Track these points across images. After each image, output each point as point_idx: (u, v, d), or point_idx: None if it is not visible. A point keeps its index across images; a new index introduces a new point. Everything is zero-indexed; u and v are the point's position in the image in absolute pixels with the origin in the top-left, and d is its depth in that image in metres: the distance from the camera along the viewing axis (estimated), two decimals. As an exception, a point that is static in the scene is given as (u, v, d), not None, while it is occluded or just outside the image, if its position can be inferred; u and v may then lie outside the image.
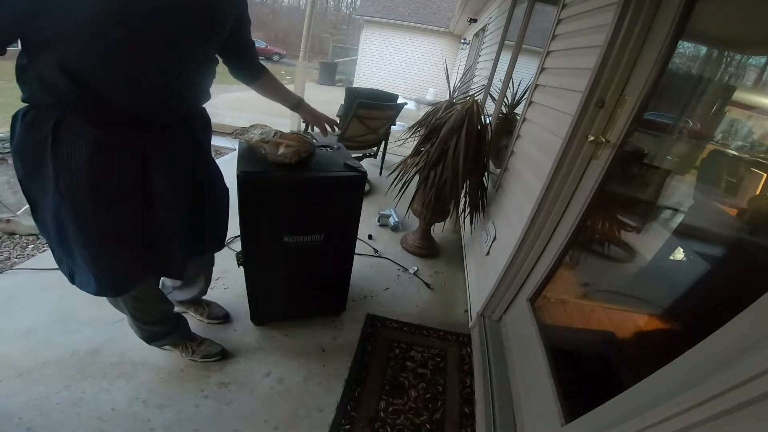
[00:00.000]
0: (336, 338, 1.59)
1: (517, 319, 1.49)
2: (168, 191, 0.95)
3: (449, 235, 2.73)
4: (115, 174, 0.85)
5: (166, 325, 1.27)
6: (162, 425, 1.15)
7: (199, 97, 1.02)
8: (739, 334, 0.57)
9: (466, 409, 1.36)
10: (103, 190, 0.83)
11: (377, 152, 3.53)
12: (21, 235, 2.10)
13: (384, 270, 2.15)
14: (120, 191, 0.87)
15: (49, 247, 0.94)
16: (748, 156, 0.96)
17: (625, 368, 1.05)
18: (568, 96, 1.39)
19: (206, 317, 1.54)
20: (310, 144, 1.29)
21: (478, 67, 4.94)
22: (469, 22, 7.37)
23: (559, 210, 1.34)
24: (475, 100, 2.05)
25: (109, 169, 0.83)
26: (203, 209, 1.11)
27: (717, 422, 0.52)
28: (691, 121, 1.15)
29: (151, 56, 0.81)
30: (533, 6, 2.70)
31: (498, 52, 3.39)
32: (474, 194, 2.12)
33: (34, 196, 0.86)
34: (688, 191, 1.12)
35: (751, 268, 0.79)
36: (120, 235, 0.91)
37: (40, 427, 1.09)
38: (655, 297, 1.08)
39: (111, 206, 0.86)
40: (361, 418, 1.27)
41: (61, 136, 0.77)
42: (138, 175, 0.89)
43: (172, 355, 1.36)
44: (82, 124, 0.78)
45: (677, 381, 0.63)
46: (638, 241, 1.26)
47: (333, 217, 1.38)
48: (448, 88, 2.68)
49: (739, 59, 1.06)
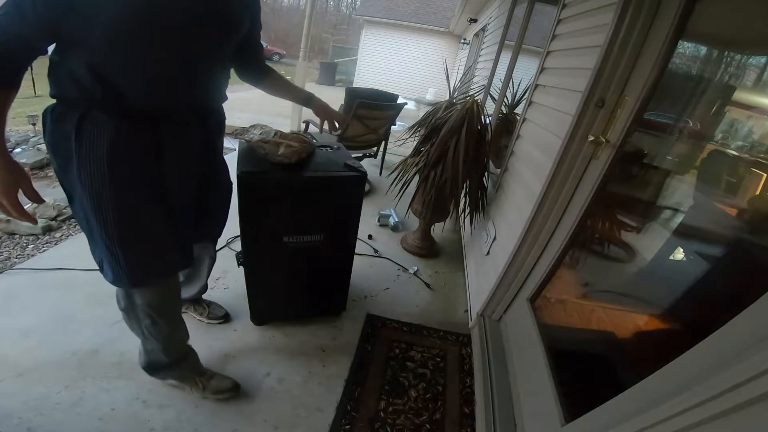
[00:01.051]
0: (336, 338, 1.59)
1: (517, 319, 1.49)
2: (178, 179, 0.97)
3: (449, 235, 2.73)
4: (131, 162, 0.86)
5: (178, 352, 1.19)
6: (162, 425, 1.15)
7: (217, 96, 1.04)
8: (739, 334, 0.57)
9: (466, 409, 1.36)
10: (120, 179, 0.85)
11: (377, 152, 3.53)
12: (21, 235, 2.10)
13: (384, 270, 2.15)
14: (136, 180, 0.89)
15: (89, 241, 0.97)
16: (748, 156, 0.96)
17: (625, 368, 1.05)
18: (568, 96, 1.39)
19: (206, 317, 1.53)
20: (310, 144, 1.29)
21: (478, 67, 4.94)
22: (469, 22, 7.37)
23: (559, 210, 1.34)
24: (475, 100, 2.05)
25: (125, 158, 0.85)
26: (206, 198, 1.12)
27: (717, 422, 0.52)
28: (691, 121, 1.15)
29: (175, 55, 0.83)
30: (533, 6, 2.70)
31: (498, 52, 3.39)
32: (474, 194, 2.12)
33: (68, 188, 0.89)
34: (688, 191, 1.12)
35: (751, 268, 0.79)
36: (137, 224, 0.92)
37: (40, 427, 1.09)
38: (655, 297, 1.08)
39: (127, 195, 0.88)
40: (361, 418, 1.27)
41: (85, 129, 0.80)
42: (152, 163, 0.90)
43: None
44: (104, 117, 0.81)
45: (677, 381, 0.63)
46: (638, 241, 1.26)
47: (333, 217, 1.38)
48: (448, 88, 2.68)
49: (739, 59, 1.06)
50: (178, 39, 0.81)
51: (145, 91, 0.83)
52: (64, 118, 0.81)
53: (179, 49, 0.83)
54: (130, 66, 0.79)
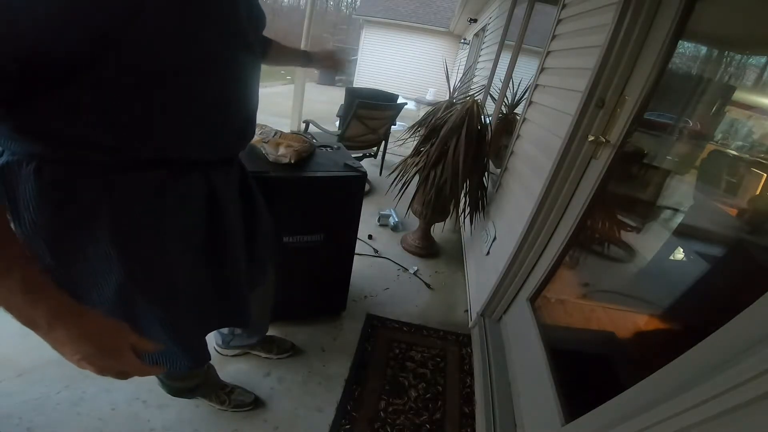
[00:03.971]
0: (336, 338, 1.59)
1: (517, 319, 1.49)
2: (233, 231, 0.80)
3: (449, 235, 2.73)
4: (187, 225, 0.70)
5: (198, 378, 1.12)
6: (162, 425, 1.15)
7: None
8: (739, 334, 0.57)
9: (466, 409, 1.36)
10: (178, 248, 0.69)
11: (377, 152, 3.52)
12: (21, 235, 2.10)
13: (384, 270, 2.15)
14: (191, 243, 0.72)
15: None
16: (748, 156, 0.96)
17: (625, 368, 1.05)
18: (568, 96, 1.39)
19: (275, 353, 1.44)
20: (310, 144, 1.29)
21: (478, 67, 4.94)
22: (469, 22, 7.37)
23: (559, 210, 1.34)
24: (475, 100, 2.05)
25: (181, 223, 0.68)
26: (255, 241, 0.94)
27: (717, 422, 0.52)
28: (691, 121, 1.15)
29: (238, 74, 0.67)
30: (533, 6, 2.70)
31: (498, 52, 3.39)
32: (474, 194, 2.12)
33: (75, 283, 0.64)
34: (688, 191, 1.12)
35: (751, 268, 0.79)
36: (196, 294, 0.78)
37: (40, 427, 1.09)
38: (655, 297, 1.08)
39: (185, 263, 0.72)
40: (361, 418, 1.27)
41: (119, 199, 0.59)
42: (204, 218, 0.73)
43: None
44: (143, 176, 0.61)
45: (677, 381, 0.63)
46: (638, 241, 1.26)
47: (333, 217, 1.37)
48: (448, 88, 2.68)
49: (739, 59, 1.06)
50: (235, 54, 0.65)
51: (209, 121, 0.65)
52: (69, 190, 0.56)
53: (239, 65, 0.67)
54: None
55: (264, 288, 1.12)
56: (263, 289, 1.12)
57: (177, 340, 0.76)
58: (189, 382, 1.08)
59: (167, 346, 0.76)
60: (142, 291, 0.67)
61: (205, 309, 0.82)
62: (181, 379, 1.05)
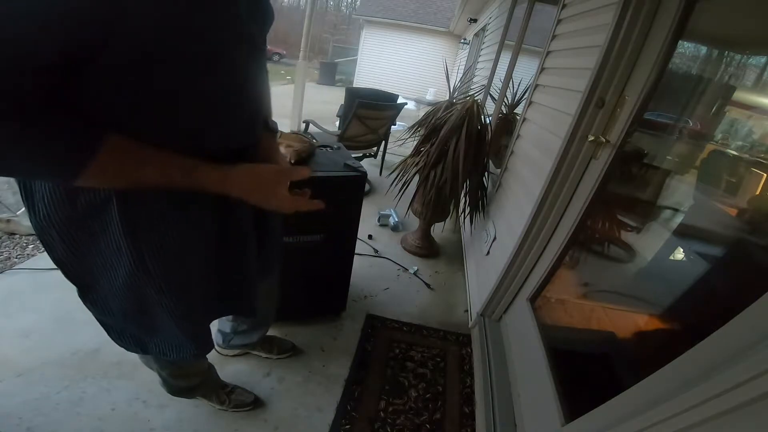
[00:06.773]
0: (336, 338, 1.59)
1: (517, 319, 1.49)
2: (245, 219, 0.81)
3: (449, 235, 2.73)
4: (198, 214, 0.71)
5: (200, 376, 1.12)
6: (162, 425, 1.15)
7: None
8: (739, 334, 0.57)
9: (466, 409, 1.36)
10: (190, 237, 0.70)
11: (377, 152, 3.53)
12: (21, 235, 2.10)
13: (384, 270, 2.15)
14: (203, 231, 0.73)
15: (101, 323, 0.81)
16: (748, 156, 0.96)
17: (625, 368, 1.05)
18: (568, 96, 1.39)
19: (275, 353, 1.44)
20: (310, 144, 1.29)
21: (478, 67, 4.94)
22: (469, 22, 7.37)
23: (559, 210, 1.34)
24: (475, 100, 2.05)
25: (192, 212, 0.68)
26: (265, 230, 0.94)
27: (717, 422, 0.52)
28: (691, 121, 1.15)
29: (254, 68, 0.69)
30: (533, 6, 2.70)
31: (498, 52, 3.39)
32: (474, 194, 2.12)
33: (87, 274, 0.68)
34: (688, 191, 1.12)
35: (751, 268, 0.79)
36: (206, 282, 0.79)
37: (40, 427, 1.09)
38: (655, 297, 1.08)
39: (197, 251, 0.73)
40: (361, 418, 1.27)
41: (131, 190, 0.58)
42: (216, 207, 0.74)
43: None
44: None
45: (677, 381, 0.63)
46: (638, 241, 1.26)
47: (333, 217, 1.37)
48: (448, 88, 2.68)
49: (739, 59, 1.06)
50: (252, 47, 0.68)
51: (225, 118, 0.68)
52: None
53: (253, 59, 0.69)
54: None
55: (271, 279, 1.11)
56: (270, 281, 1.12)
57: (184, 329, 0.77)
58: (190, 380, 1.08)
59: (174, 335, 0.77)
60: (153, 280, 0.67)
61: (214, 297, 0.83)
62: (182, 376, 1.06)
